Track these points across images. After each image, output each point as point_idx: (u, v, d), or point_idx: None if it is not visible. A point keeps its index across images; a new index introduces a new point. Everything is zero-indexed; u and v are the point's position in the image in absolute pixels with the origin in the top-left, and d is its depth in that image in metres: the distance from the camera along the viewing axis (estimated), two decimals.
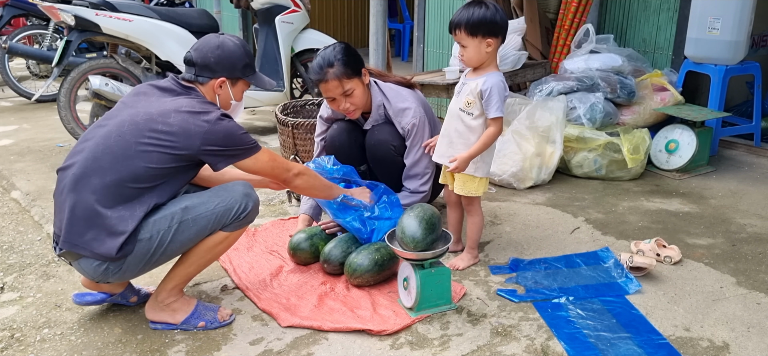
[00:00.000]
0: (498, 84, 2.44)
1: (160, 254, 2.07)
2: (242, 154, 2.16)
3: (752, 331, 2.20)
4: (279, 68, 5.04)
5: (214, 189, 2.19)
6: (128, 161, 1.99)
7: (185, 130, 2.03)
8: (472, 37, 2.42)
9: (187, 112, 2.06)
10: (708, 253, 2.83)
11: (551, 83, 4.07)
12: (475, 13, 2.40)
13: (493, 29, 2.42)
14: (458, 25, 2.43)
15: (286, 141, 3.68)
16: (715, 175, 3.91)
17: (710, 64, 3.99)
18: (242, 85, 2.34)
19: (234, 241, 2.23)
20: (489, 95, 2.43)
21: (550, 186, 3.73)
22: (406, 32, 8.43)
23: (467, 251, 2.71)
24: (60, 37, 6.72)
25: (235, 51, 2.25)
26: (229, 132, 2.10)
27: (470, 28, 2.41)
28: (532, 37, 4.50)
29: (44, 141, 4.80)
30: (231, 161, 2.14)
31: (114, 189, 1.98)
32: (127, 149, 2.00)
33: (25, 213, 3.36)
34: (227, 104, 2.31)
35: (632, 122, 4.03)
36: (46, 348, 2.13)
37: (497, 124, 2.47)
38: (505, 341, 2.15)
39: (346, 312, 2.31)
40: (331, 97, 2.74)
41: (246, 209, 2.15)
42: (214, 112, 2.10)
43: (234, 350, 2.12)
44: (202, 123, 2.04)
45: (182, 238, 2.08)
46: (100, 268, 2.01)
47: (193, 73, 2.22)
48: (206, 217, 2.09)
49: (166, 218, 2.05)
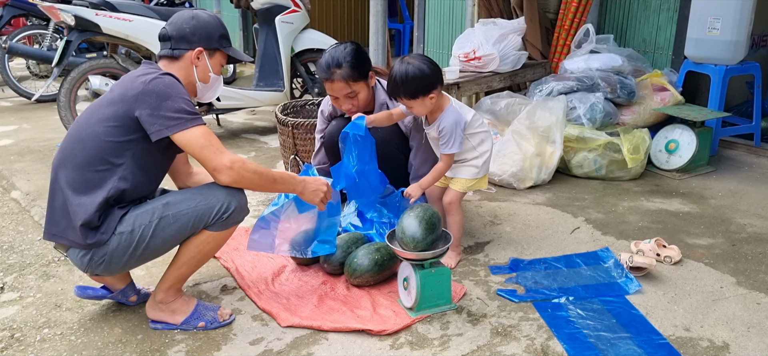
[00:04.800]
0: (450, 124, 2.54)
1: (143, 248, 2.06)
2: (174, 123, 2.01)
3: (752, 331, 2.20)
4: (279, 68, 5.04)
5: (199, 188, 2.16)
6: (88, 142, 2.04)
7: (124, 94, 2.04)
8: (414, 99, 2.50)
9: (130, 77, 2.08)
10: (708, 253, 2.83)
11: (551, 83, 4.07)
12: (407, 80, 2.45)
13: (429, 85, 2.48)
14: (396, 95, 2.53)
15: (286, 141, 3.68)
16: (715, 175, 3.91)
17: (710, 64, 3.99)
18: (220, 57, 2.29)
19: (223, 241, 2.20)
20: (444, 136, 2.56)
21: (550, 186, 3.73)
22: (406, 32, 8.43)
23: (452, 249, 2.71)
24: (60, 37, 6.71)
25: (210, 21, 2.23)
26: (161, 92, 2.01)
27: (410, 94, 2.49)
28: (532, 37, 4.51)
29: (44, 141, 4.80)
30: (167, 130, 2.01)
31: (80, 175, 2.03)
32: (86, 129, 2.07)
33: (25, 213, 3.36)
34: (206, 77, 2.26)
35: (632, 122, 4.03)
36: (46, 348, 2.13)
37: (448, 160, 2.61)
38: (505, 341, 2.15)
39: (346, 312, 2.31)
40: (334, 96, 2.74)
41: (228, 209, 2.10)
42: (153, 73, 2.06)
43: (234, 350, 2.12)
44: (139, 84, 2.03)
45: (164, 234, 2.07)
46: (84, 258, 2.07)
47: (169, 47, 2.19)
48: (187, 214, 2.07)
49: (147, 212, 2.06)
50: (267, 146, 4.71)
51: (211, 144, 2.05)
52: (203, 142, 2.04)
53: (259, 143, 4.80)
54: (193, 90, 2.27)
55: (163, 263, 2.36)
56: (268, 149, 4.62)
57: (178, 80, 2.11)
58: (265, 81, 5.13)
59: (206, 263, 2.69)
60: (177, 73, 2.17)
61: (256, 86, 5.12)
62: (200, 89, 2.29)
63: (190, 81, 2.23)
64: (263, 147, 4.70)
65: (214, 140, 2.07)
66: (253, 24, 5.47)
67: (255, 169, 2.12)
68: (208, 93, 2.33)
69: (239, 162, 2.08)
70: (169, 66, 2.18)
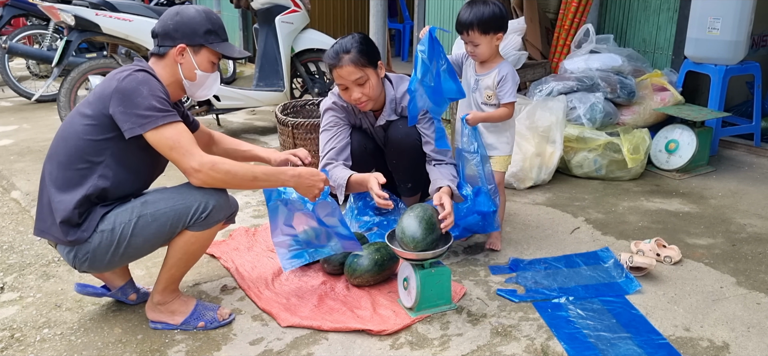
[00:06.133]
0: (512, 72, 2.68)
1: (124, 246, 2.06)
2: (144, 120, 1.97)
3: (752, 331, 2.20)
4: (279, 68, 5.04)
5: (179, 187, 2.13)
6: (69, 140, 2.06)
7: (101, 92, 2.04)
8: (484, 34, 2.61)
9: (109, 76, 2.09)
10: (708, 253, 2.83)
11: (551, 83, 4.07)
12: (485, 13, 2.58)
13: (501, 24, 2.63)
14: (470, 25, 2.60)
15: (286, 141, 3.68)
16: (715, 175, 3.91)
17: (710, 64, 3.99)
18: (207, 54, 2.20)
19: (207, 241, 2.18)
20: (503, 83, 2.67)
21: (550, 186, 3.73)
22: (406, 32, 8.42)
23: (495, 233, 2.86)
24: (60, 37, 6.71)
25: (195, 17, 2.17)
26: (132, 89, 1.98)
27: (483, 27, 2.59)
28: (532, 37, 4.50)
29: (44, 141, 4.80)
30: (137, 127, 1.97)
31: (62, 173, 2.05)
32: (69, 128, 2.09)
33: (25, 213, 3.36)
34: (192, 75, 2.19)
35: (632, 122, 4.03)
36: (46, 348, 2.13)
37: (509, 108, 2.71)
38: (505, 341, 2.15)
39: (346, 312, 2.31)
40: (343, 85, 2.66)
41: (206, 209, 2.06)
42: (128, 71, 2.04)
43: (234, 350, 2.12)
44: (114, 82, 2.02)
45: (145, 233, 2.06)
46: (69, 255, 2.09)
47: (156, 44, 2.18)
48: (165, 213, 2.05)
49: (127, 210, 2.07)
50: (267, 146, 4.71)
51: (180, 145, 2.00)
52: (172, 143, 1.99)
53: (259, 144, 4.80)
54: (181, 88, 2.22)
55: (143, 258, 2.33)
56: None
57: (155, 77, 2.07)
58: (265, 81, 5.13)
59: (206, 264, 2.71)
60: (162, 70, 2.15)
61: (256, 86, 5.12)
62: (188, 86, 2.22)
63: (176, 79, 2.18)
64: (263, 147, 4.69)
65: (185, 140, 2.01)
66: (253, 24, 5.46)
67: (228, 169, 2.04)
68: (199, 91, 2.27)
69: (208, 164, 2.01)
70: (157, 64, 2.17)
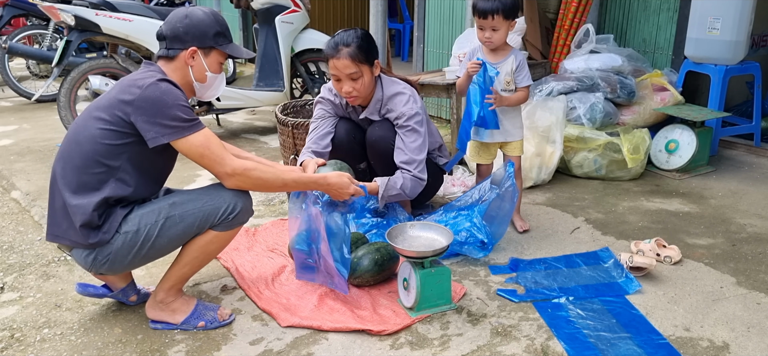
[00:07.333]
0: (525, 57, 2.81)
1: (148, 248, 2.07)
2: (171, 131, 2.01)
3: (752, 331, 2.20)
4: (279, 68, 5.04)
5: (205, 188, 2.18)
6: (84, 144, 2.04)
7: (120, 98, 2.03)
8: (506, 20, 2.70)
9: (127, 81, 2.07)
10: (708, 253, 2.83)
11: (551, 83, 4.07)
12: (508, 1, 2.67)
13: (517, 12, 2.74)
14: (496, 10, 2.67)
15: (286, 141, 3.68)
16: (715, 175, 3.91)
17: (710, 64, 3.99)
18: (217, 56, 2.24)
19: (226, 242, 2.22)
20: (521, 68, 2.84)
21: (550, 186, 3.73)
22: (406, 32, 8.42)
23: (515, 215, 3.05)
24: (60, 37, 6.71)
25: (204, 19, 2.19)
26: (157, 99, 2.00)
27: (507, 13, 2.68)
28: (532, 37, 4.50)
29: (44, 141, 4.80)
30: (163, 137, 2.01)
31: (77, 177, 2.03)
32: (84, 131, 2.06)
33: (25, 213, 3.36)
34: (202, 77, 2.23)
35: (632, 122, 4.03)
36: (46, 348, 2.13)
37: (526, 91, 2.89)
38: (505, 341, 2.15)
39: (346, 311, 2.31)
40: (337, 76, 2.70)
41: (235, 210, 2.12)
42: (150, 79, 2.04)
43: (234, 350, 2.12)
44: (135, 89, 2.01)
45: (170, 233, 2.08)
46: (88, 258, 2.07)
47: (164, 47, 2.19)
48: (193, 214, 2.08)
49: (154, 211, 2.07)
50: (267, 146, 4.71)
51: (211, 151, 2.06)
52: (202, 150, 2.05)
53: (259, 143, 4.80)
54: (190, 90, 2.26)
55: (164, 263, 2.36)
56: (268, 149, 4.62)
57: (175, 85, 2.09)
58: (265, 81, 5.13)
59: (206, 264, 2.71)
60: (173, 73, 2.16)
61: (256, 86, 5.12)
62: (198, 88, 2.27)
63: (187, 81, 2.21)
64: (263, 147, 4.69)
65: (214, 145, 2.07)
66: (253, 24, 5.46)
67: (259, 176, 2.15)
68: (208, 92, 2.32)
69: (240, 169, 2.10)
70: (166, 66, 2.18)
